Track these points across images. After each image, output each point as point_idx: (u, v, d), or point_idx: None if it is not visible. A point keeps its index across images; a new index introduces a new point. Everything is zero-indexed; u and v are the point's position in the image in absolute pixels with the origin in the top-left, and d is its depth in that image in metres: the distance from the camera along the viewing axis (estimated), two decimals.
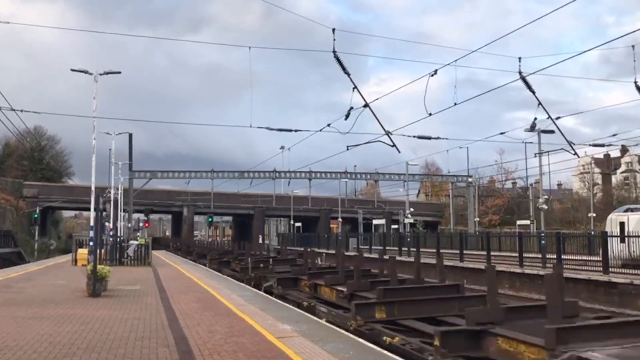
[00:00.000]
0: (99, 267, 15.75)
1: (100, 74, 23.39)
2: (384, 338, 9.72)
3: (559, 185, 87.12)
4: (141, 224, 63.42)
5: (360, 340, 9.45)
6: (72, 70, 23.58)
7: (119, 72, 24.17)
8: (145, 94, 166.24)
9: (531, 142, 40.82)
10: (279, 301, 15.05)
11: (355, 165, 69.62)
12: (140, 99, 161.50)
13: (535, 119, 31.38)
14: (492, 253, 27.06)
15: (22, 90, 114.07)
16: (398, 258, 33.29)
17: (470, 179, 63.99)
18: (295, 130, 31.57)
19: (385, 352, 8.60)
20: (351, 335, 9.86)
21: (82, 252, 28.20)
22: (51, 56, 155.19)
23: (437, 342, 7.99)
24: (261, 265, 24.33)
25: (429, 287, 13.20)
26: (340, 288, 14.32)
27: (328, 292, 15.17)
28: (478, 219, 62.60)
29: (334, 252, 31.53)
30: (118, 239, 34.56)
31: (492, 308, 8.59)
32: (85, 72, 23.40)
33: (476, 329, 8.20)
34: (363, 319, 11.02)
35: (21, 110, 26.97)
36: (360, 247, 43.59)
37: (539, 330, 7.20)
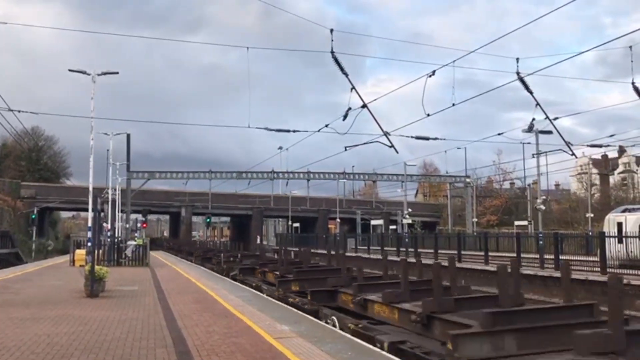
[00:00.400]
0: (96, 267, 15.73)
1: (98, 75, 23.36)
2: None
3: (557, 185, 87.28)
4: (139, 225, 63.41)
5: (359, 341, 9.45)
6: (70, 70, 23.56)
7: (117, 73, 24.16)
8: (143, 94, 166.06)
9: (529, 143, 40.93)
10: (277, 302, 15.03)
11: (353, 166, 69.80)
12: (137, 100, 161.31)
13: (533, 119, 31.47)
14: (490, 253, 27.06)
15: (19, 90, 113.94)
16: (397, 258, 33.35)
17: (468, 180, 64.07)
18: (294, 131, 31.57)
19: (384, 352, 8.60)
20: (349, 336, 9.86)
21: (80, 253, 28.15)
22: (48, 57, 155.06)
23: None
24: (231, 259, 30.82)
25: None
26: (276, 272, 19.99)
27: (271, 277, 20.52)
28: (476, 220, 62.69)
29: (326, 252, 32.30)
30: (116, 240, 34.52)
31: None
32: (83, 72, 23.37)
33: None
34: (283, 291, 16.58)
35: (19, 111, 26.95)
36: (359, 247, 43.65)
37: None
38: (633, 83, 24.51)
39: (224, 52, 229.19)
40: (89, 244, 20.56)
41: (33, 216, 61.27)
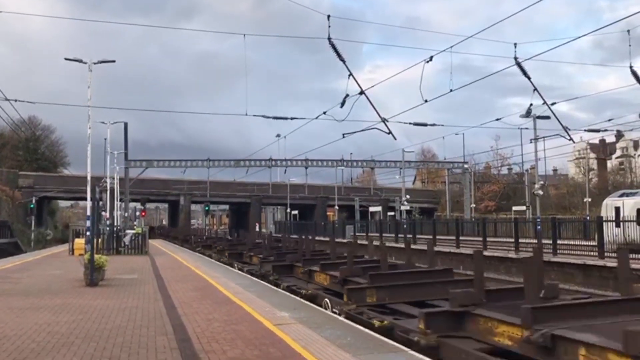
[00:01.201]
0: (96, 256, 15.76)
1: (95, 63, 23.29)
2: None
3: (555, 170, 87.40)
4: (138, 213, 63.46)
5: (358, 326, 9.50)
6: (67, 59, 23.47)
7: (113, 61, 24.11)
8: (138, 83, 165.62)
9: (527, 128, 40.94)
10: (276, 289, 15.09)
11: (351, 153, 69.74)
12: (132, 88, 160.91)
13: (531, 104, 31.46)
14: (488, 239, 27.15)
15: (12, 80, 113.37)
16: (394, 245, 33.46)
17: (466, 166, 64.11)
18: (291, 118, 31.59)
19: (383, 338, 8.65)
20: (348, 322, 9.91)
21: (79, 242, 28.20)
22: (41, 45, 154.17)
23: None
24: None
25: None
26: (259, 256, 22.09)
27: (255, 259, 22.47)
28: (474, 205, 62.84)
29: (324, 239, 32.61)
30: (115, 228, 34.56)
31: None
32: (80, 61, 23.30)
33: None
34: (261, 267, 19.56)
35: (15, 100, 26.88)
36: (357, 234, 43.74)
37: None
38: (631, 67, 24.52)
39: (219, 39, 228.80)
40: (88, 232, 20.60)
41: (31, 206, 61.24)
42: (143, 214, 64.48)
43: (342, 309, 11.18)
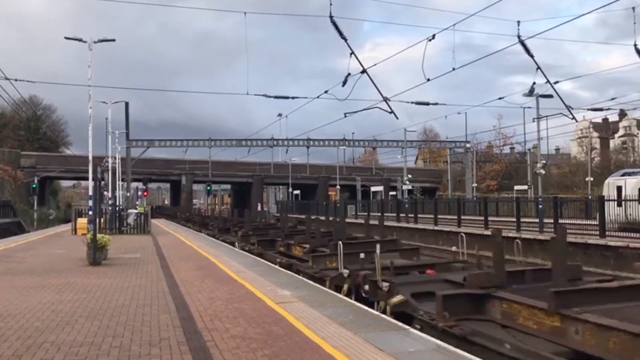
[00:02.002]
0: (98, 235, 15.83)
1: (95, 42, 23.13)
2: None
3: (557, 150, 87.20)
4: (140, 193, 63.55)
5: (359, 305, 9.57)
6: (66, 38, 23.34)
7: (114, 40, 23.94)
8: (137, 62, 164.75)
9: (529, 107, 40.73)
10: (278, 268, 15.18)
11: (353, 133, 69.51)
12: (131, 68, 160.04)
13: (534, 83, 31.25)
14: (489, 218, 27.17)
15: (10, 59, 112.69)
16: (397, 224, 33.55)
17: (468, 145, 63.95)
18: (292, 98, 31.46)
19: (383, 316, 8.72)
20: (350, 300, 9.98)
21: (82, 222, 28.32)
22: (39, 24, 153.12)
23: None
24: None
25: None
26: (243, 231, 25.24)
27: (239, 234, 25.92)
28: (476, 185, 62.78)
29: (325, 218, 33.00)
30: (117, 208, 34.65)
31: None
32: (80, 40, 23.15)
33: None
34: (245, 242, 23.13)
35: (16, 80, 26.72)
36: (359, 213, 43.85)
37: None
38: (635, 45, 24.28)
39: (217, 18, 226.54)
40: (91, 212, 20.66)
41: (34, 186, 61.40)
42: (145, 193, 64.57)
43: (308, 273, 13.79)
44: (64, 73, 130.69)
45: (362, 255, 12.39)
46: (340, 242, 13.21)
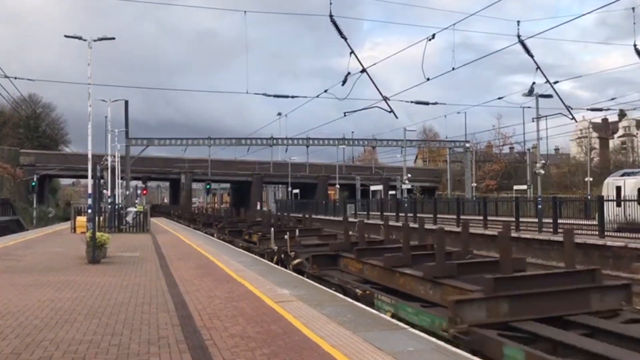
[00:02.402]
0: (97, 234, 15.83)
1: (94, 40, 23.09)
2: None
3: (557, 150, 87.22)
4: (139, 192, 63.56)
5: (358, 304, 9.58)
6: (66, 36, 23.27)
7: (113, 38, 23.89)
8: (135, 61, 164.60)
9: (529, 107, 40.71)
10: (277, 267, 15.19)
11: (352, 132, 69.47)
12: (130, 66, 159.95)
13: (534, 83, 31.27)
14: (488, 218, 27.18)
15: (8, 57, 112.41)
16: (395, 223, 33.51)
17: (467, 145, 63.96)
18: (292, 97, 31.46)
19: (382, 315, 8.73)
20: (349, 300, 9.98)
21: (81, 220, 28.30)
22: (37, 22, 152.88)
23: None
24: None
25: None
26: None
27: (217, 227, 30.91)
28: (475, 184, 62.80)
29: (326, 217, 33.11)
30: (116, 207, 34.64)
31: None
32: (79, 38, 23.10)
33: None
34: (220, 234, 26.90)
35: (15, 78, 26.70)
36: (359, 213, 43.86)
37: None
38: (635, 46, 24.29)
39: (216, 16, 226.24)
40: (90, 210, 20.66)
41: (33, 184, 61.35)
42: (144, 192, 64.62)
43: (257, 251, 18.55)
44: (63, 71, 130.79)
45: (285, 236, 17.36)
46: (272, 229, 20.25)
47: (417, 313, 8.91)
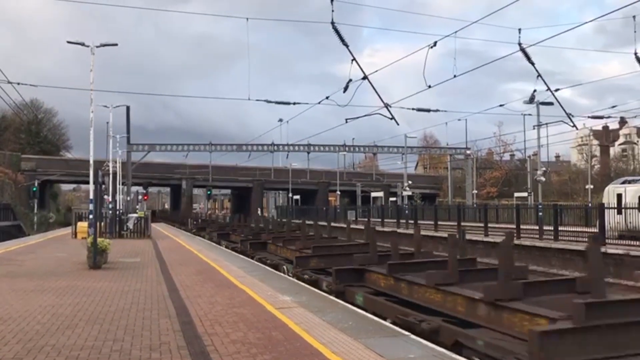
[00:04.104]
0: (99, 239, 15.85)
1: (97, 46, 23.18)
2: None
3: (557, 157, 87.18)
4: (140, 197, 63.57)
5: (359, 310, 9.58)
6: (69, 42, 23.38)
7: (116, 44, 24.04)
8: (134, 66, 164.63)
9: (530, 114, 40.80)
10: (279, 273, 15.19)
11: (353, 138, 69.56)
12: (129, 71, 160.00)
13: (535, 90, 31.35)
14: (489, 225, 27.17)
15: (6, 61, 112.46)
16: (397, 230, 33.50)
17: (468, 152, 63.99)
18: (294, 103, 31.54)
19: (384, 322, 8.72)
20: (349, 306, 9.98)
21: (82, 225, 28.33)
22: (35, 28, 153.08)
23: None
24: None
25: None
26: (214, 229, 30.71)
27: (207, 231, 36.19)
28: (476, 192, 62.77)
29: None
30: (117, 212, 34.66)
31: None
32: (82, 44, 23.20)
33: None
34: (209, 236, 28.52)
35: (18, 83, 26.80)
36: (359, 219, 43.85)
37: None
38: (636, 53, 24.36)
39: (215, 22, 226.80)
40: (91, 216, 20.69)
41: (34, 189, 61.37)
42: (145, 197, 64.64)
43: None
44: (61, 75, 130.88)
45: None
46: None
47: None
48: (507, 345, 7.05)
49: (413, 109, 34.35)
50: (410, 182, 53.87)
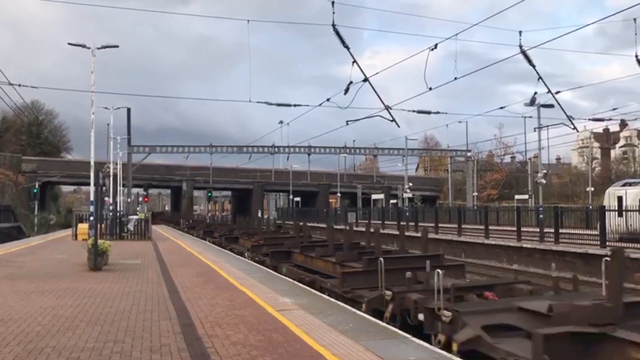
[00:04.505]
0: (99, 241, 15.85)
1: (98, 48, 23.15)
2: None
3: (558, 159, 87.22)
4: (140, 199, 63.59)
5: (360, 312, 9.58)
6: (70, 44, 23.32)
7: (117, 46, 23.95)
8: (134, 67, 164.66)
9: (530, 117, 40.81)
10: (279, 275, 15.19)
11: (354, 140, 69.58)
12: (128, 73, 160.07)
13: (536, 93, 31.37)
14: (490, 227, 27.19)
15: (5, 62, 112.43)
16: (397, 232, 33.50)
17: (469, 154, 63.98)
18: (295, 105, 31.54)
19: (384, 324, 8.72)
20: (350, 308, 9.98)
21: (83, 227, 28.33)
22: (35, 29, 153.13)
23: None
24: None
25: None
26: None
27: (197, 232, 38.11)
28: (476, 194, 62.77)
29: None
30: (118, 214, 34.67)
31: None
32: (83, 46, 23.14)
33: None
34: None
35: (19, 85, 26.81)
36: (360, 221, 43.84)
37: None
38: (636, 56, 24.36)
39: (215, 24, 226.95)
40: (92, 218, 20.69)
41: (35, 190, 61.41)
42: (146, 199, 64.67)
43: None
44: (60, 76, 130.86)
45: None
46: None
47: None
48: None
49: (414, 111, 34.39)
50: (410, 184, 53.84)
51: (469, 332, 7.39)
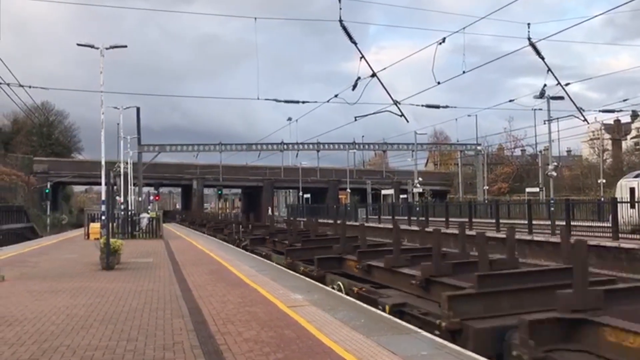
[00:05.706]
0: (111, 240, 15.94)
1: (107, 48, 23.29)
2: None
3: (568, 152, 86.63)
4: (151, 198, 63.91)
5: (372, 308, 9.58)
6: (79, 44, 23.50)
7: (125, 46, 24.14)
8: (141, 66, 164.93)
9: (540, 109, 40.58)
10: (290, 271, 15.20)
11: (363, 136, 69.55)
12: (135, 72, 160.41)
13: (545, 85, 31.15)
14: (500, 221, 27.08)
15: (12, 64, 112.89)
16: (407, 227, 33.48)
17: (479, 147, 63.71)
18: (303, 102, 31.57)
19: (396, 320, 8.72)
20: (362, 304, 9.98)
21: (94, 226, 28.53)
22: (41, 29, 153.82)
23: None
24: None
25: None
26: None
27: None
28: (487, 187, 62.52)
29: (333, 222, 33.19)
30: (129, 213, 34.87)
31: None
32: (92, 46, 23.32)
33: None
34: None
35: (30, 87, 26.98)
36: (370, 217, 43.85)
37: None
38: None
39: (221, 22, 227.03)
40: (103, 217, 20.83)
41: (47, 191, 61.84)
42: (157, 198, 64.91)
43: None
44: (67, 76, 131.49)
45: None
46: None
47: None
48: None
49: (423, 105, 34.25)
50: (420, 179, 53.74)
51: None
